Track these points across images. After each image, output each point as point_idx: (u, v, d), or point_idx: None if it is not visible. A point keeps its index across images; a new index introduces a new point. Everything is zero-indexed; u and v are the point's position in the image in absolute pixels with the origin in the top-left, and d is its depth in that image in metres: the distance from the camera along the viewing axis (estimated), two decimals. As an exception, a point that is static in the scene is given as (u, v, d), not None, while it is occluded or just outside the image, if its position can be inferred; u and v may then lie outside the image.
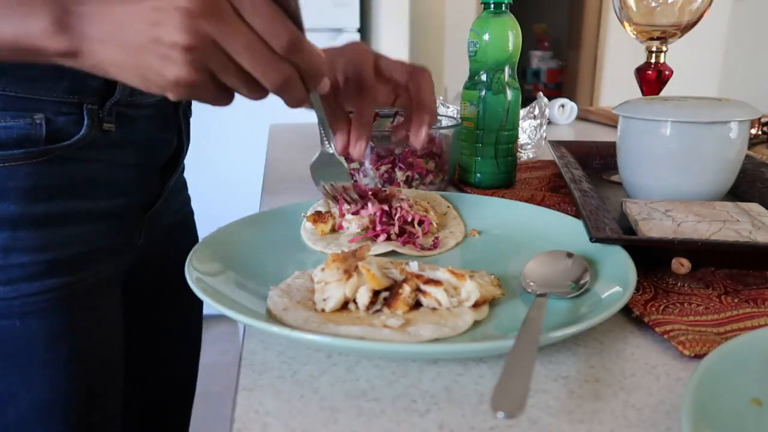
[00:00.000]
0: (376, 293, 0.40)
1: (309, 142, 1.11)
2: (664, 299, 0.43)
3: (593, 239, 0.47)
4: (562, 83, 4.32)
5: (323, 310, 0.39)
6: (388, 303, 0.40)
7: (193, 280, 0.40)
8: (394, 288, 0.41)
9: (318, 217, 0.56)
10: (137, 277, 0.67)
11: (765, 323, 0.40)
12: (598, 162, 0.83)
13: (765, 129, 0.97)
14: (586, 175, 0.68)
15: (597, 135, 1.22)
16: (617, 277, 0.42)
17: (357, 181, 0.71)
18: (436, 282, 0.40)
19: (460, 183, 0.77)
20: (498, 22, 0.69)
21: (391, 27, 2.34)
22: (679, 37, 0.74)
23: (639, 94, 0.78)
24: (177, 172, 0.70)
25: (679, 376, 0.35)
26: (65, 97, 0.51)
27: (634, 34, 0.75)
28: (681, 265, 0.46)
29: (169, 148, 0.67)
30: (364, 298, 0.39)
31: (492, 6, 0.69)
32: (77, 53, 0.38)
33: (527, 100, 0.91)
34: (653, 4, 0.72)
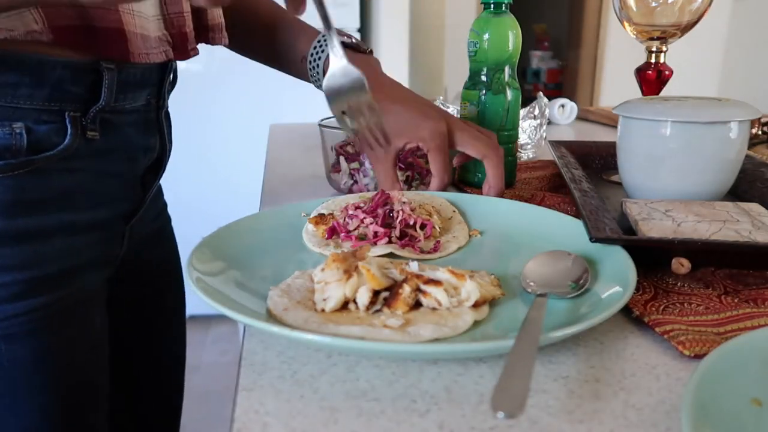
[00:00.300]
0: (376, 293, 0.40)
1: (309, 142, 1.11)
2: (664, 299, 0.43)
3: (593, 239, 0.47)
4: (562, 83, 4.32)
5: (323, 310, 0.39)
6: (388, 303, 0.40)
7: (193, 280, 0.40)
8: (394, 288, 0.41)
9: (320, 220, 0.56)
10: (117, 288, 0.65)
11: (765, 323, 0.40)
12: (598, 162, 0.83)
13: (765, 129, 0.97)
14: (586, 175, 0.68)
15: (597, 135, 1.22)
16: (617, 277, 0.42)
17: (357, 182, 0.71)
18: (436, 282, 0.40)
19: (460, 183, 0.77)
20: (498, 22, 0.69)
21: (391, 27, 2.35)
22: (679, 37, 0.74)
23: (639, 94, 0.78)
24: (159, 178, 0.68)
25: (679, 376, 0.35)
26: (46, 105, 0.48)
27: (634, 34, 0.75)
28: (681, 265, 0.46)
29: (152, 153, 0.65)
30: (364, 298, 0.39)
31: (492, 6, 0.69)
32: None
33: (527, 100, 0.91)
34: (653, 4, 0.72)
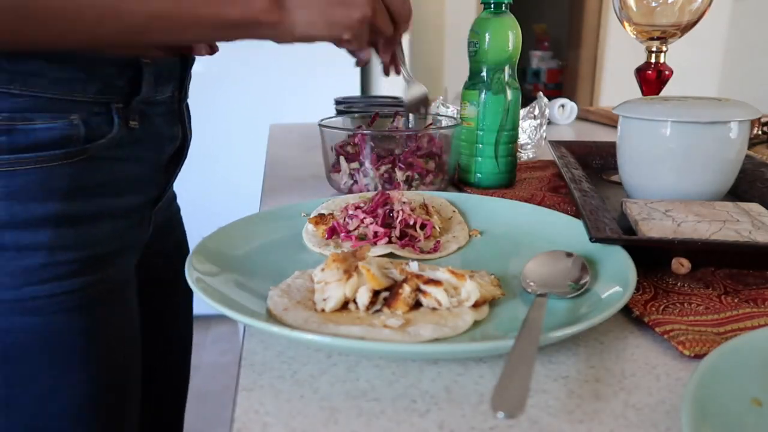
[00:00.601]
0: (376, 293, 0.40)
1: (309, 142, 1.11)
2: (664, 299, 0.43)
3: (593, 239, 0.47)
4: (562, 83, 4.32)
5: (323, 310, 0.39)
6: (388, 303, 0.40)
7: (193, 280, 0.40)
8: (394, 288, 0.41)
9: (320, 220, 0.56)
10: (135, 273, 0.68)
11: (765, 323, 0.40)
12: (598, 162, 0.83)
13: (765, 129, 0.97)
14: (586, 175, 0.68)
15: (597, 135, 1.22)
16: (617, 277, 0.42)
17: (357, 182, 0.71)
18: (436, 282, 0.40)
19: (460, 183, 0.77)
20: (498, 22, 0.69)
21: (391, 27, 2.34)
22: (679, 37, 0.74)
23: (639, 94, 0.78)
24: (181, 165, 0.73)
25: (679, 376, 0.35)
26: (96, 98, 0.53)
27: (634, 34, 0.75)
28: (681, 265, 0.46)
29: (176, 142, 0.70)
30: (364, 298, 0.39)
31: (492, 6, 0.69)
32: (281, 22, 0.51)
33: (527, 100, 0.91)
34: (653, 4, 0.72)
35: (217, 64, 2.10)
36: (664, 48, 0.75)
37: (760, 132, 0.96)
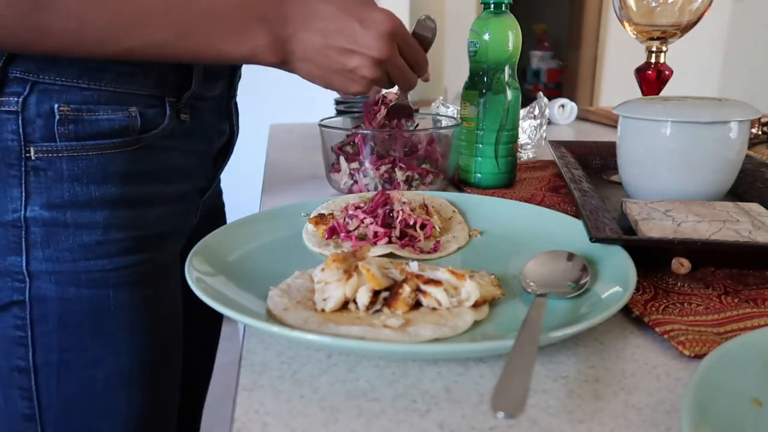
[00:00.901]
0: (376, 293, 0.40)
1: (309, 142, 1.11)
2: (664, 299, 0.43)
3: (593, 239, 0.47)
4: (562, 83, 4.32)
5: (323, 310, 0.39)
6: (388, 303, 0.40)
7: (193, 280, 0.40)
8: (394, 288, 0.41)
9: (320, 220, 0.56)
10: None
11: (765, 323, 0.40)
12: (598, 162, 0.83)
13: (765, 129, 0.97)
14: (586, 175, 0.68)
15: (597, 135, 1.22)
16: (617, 277, 0.42)
17: (357, 182, 0.71)
18: (436, 282, 0.40)
19: (460, 183, 0.77)
20: (498, 22, 0.69)
21: (391, 27, 2.34)
22: (679, 37, 0.74)
23: (639, 94, 0.78)
24: (228, 159, 0.77)
25: (679, 376, 0.35)
26: (152, 91, 0.56)
27: (634, 34, 0.75)
28: (681, 265, 0.46)
29: (223, 137, 0.74)
30: (364, 298, 0.39)
31: (492, 6, 0.69)
32: (283, 63, 0.54)
33: (527, 100, 0.91)
34: (653, 4, 0.72)
35: (217, 64, 2.11)
36: (664, 48, 0.75)
37: (760, 132, 0.96)
